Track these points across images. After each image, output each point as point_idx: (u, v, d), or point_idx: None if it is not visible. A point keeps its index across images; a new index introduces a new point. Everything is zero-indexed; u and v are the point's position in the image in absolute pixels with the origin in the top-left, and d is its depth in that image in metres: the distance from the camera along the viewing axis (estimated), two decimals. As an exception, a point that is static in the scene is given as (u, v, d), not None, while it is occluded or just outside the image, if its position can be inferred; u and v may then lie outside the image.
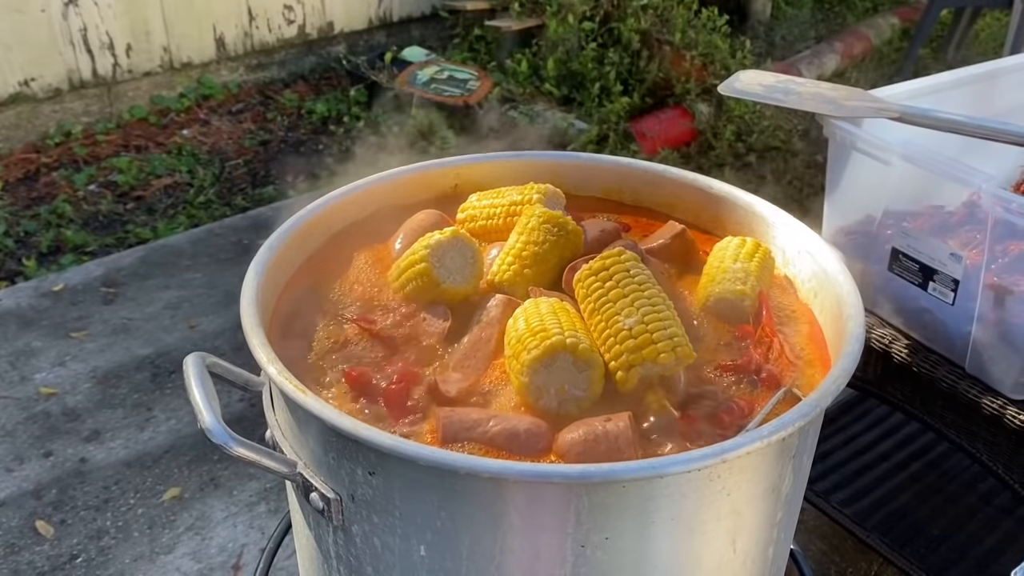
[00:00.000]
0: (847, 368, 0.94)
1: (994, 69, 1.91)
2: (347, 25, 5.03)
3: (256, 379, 1.15)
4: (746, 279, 1.14)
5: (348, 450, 0.91)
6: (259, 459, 0.97)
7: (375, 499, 0.92)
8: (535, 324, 1.00)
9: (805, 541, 2.02)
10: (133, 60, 4.36)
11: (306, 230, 1.25)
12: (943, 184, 1.55)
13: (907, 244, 1.59)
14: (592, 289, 1.05)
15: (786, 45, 5.39)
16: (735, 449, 0.83)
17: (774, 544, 1.02)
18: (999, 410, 1.54)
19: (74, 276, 3.21)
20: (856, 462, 1.97)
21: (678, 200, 1.38)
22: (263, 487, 2.35)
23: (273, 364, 0.95)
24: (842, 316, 1.05)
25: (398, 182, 1.38)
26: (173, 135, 4.32)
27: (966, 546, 1.77)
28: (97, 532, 2.22)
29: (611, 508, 0.85)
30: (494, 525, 0.88)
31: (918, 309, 1.63)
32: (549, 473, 0.83)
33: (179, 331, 2.93)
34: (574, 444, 0.92)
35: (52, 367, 2.76)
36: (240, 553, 2.17)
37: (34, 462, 2.41)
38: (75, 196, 3.84)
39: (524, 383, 0.98)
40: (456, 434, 0.94)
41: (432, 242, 1.11)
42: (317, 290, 1.20)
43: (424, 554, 0.92)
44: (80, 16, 4.12)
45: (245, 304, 1.04)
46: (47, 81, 4.12)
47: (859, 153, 1.64)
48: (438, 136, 4.08)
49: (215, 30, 4.58)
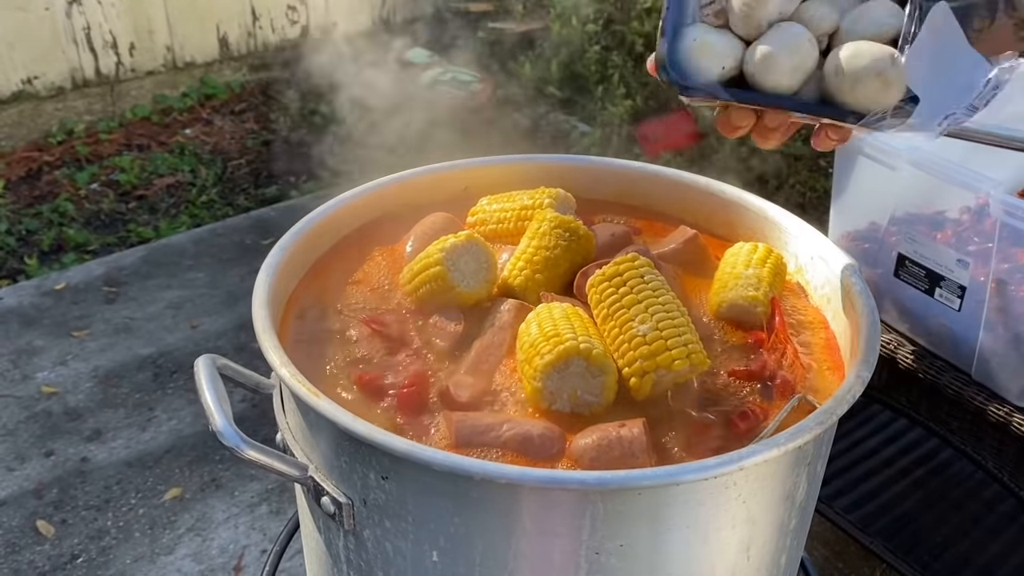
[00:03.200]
0: (863, 376, 0.94)
1: (1001, 76, 1.91)
2: (350, 26, 5.02)
3: (267, 381, 1.14)
4: (759, 285, 1.14)
5: (361, 454, 0.90)
6: (270, 462, 0.97)
7: (387, 504, 0.91)
8: (548, 329, 1.00)
9: (808, 547, 2.01)
10: (136, 59, 4.35)
11: (317, 232, 1.25)
12: (950, 190, 1.55)
13: (913, 250, 1.59)
14: (606, 295, 1.04)
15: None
16: (751, 457, 0.83)
17: (787, 552, 1.02)
18: (1005, 417, 1.54)
19: (76, 275, 3.20)
20: (860, 468, 1.96)
21: (689, 204, 1.38)
22: (264, 488, 2.34)
23: (286, 367, 0.95)
24: (856, 323, 1.05)
25: (408, 184, 1.38)
26: (176, 134, 4.31)
27: (970, 553, 1.77)
28: (98, 532, 2.21)
29: (626, 515, 0.85)
30: (508, 531, 0.87)
31: (924, 315, 1.63)
32: (566, 480, 0.83)
33: (181, 331, 2.92)
34: (588, 449, 0.92)
35: (54, 366, 2.75)
36: (241, 554, 2.16)
37: (35, 461, 2.41)
38: (77, 195, 3.84)
39: (537, 388, 0.98)
40: (469, 438, 0.94)
41: (447, 245, 1.11)
42: (328, 292, 1.20)
43: (436, 560, 0.92)
44: (83, 15, 4.12)
45: (257, 306, 1.04)
46: (50, 79, 4.12)
47: (866, 158, 1.64)
48: (441, 138, 4.08)
49: (218, 30, 4.57)
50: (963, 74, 0.89)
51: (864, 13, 0.95)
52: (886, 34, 0.93)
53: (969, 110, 0.90)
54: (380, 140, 4.14)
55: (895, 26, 0.93)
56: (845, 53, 0.91)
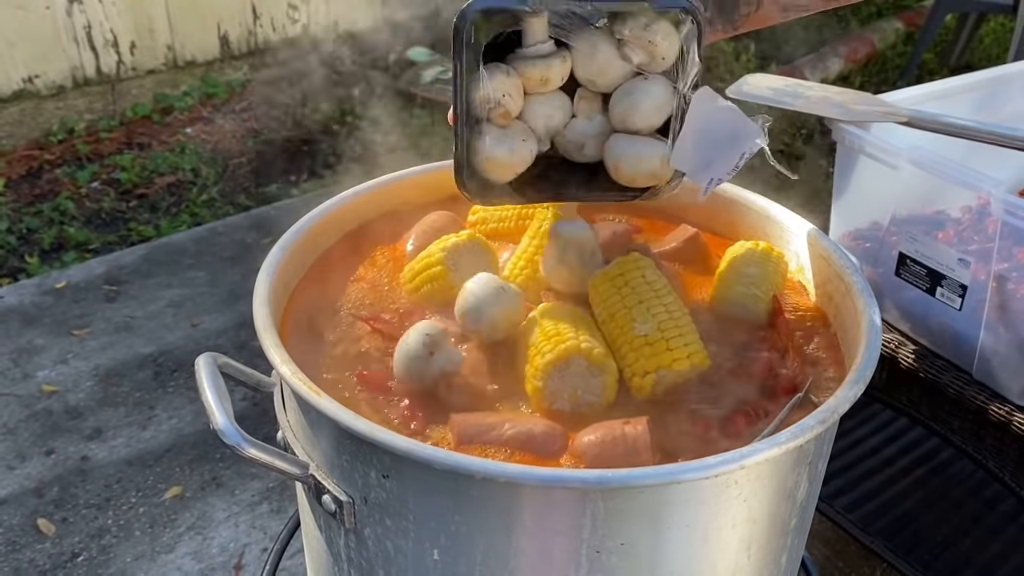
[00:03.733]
0: (865, 375, 0.94)
1: (1002, 74, 1.91)
2: (351, 25, 5.02)
3: (267, 379, 1.14)
4: (760, 283, 1.14)
5: (362, 452, 0.90)
6: (271, 461, 0.97)
7: (388, 502, 0.91)
8: (549, 328, 1.00)
9: (808, 545, 2.01)
10: (137, 58, 4.35)
11: (317, 230, 1.25)
12: (951, 189, 1.55)
13: (915, 249, 1.59)
14: (607, 295, 1.04)
15: (790, 49, 5.39)
16: (753, 455, 0.83)
17: (788, 551, 1.02)
18: (1006, 416, 1.54)
19: (76, 274, 3.20)
20: (860, 467, 1.96)
21: (690, 202, 1.37)
22: (265, 487, 2.34)
23: (287, 365, 0.95)
24: (858, 322, 1.05)
25: (408, 183, 1.38)
26: (176, 133, 4.31)
27: (971, 552, 1.77)
28: (98, 531, 2.21)
29: (627, 514, 0.85)
30: (509, 529, 0.87)
31: (925, 314, 1.63)
32: (566, 478, 0.83)
33: (181, 329, 2.92)
34: (591, 446, 0.92)
35: (54, 365, 2.75)
36: (242, 553, 2.16)
37: (36, 460, 2.41)
38: (78, 193, 3.84)
39: (538, 387, 0.98)
40: (471, 437, 0.94)
41: (449, 244, 1.11)
42: (329, 290, 1.20)
43: (437, 558, 0.92)
44: (84, 13, 4.12)
45: (258, 304, 1.04)
46: (51, 78, 4.12)
47: (867, 157, 1.64)
48: (442, 136, 4.08)
49: (219, 28, 4.57)
50: (730, 144, 1.02)
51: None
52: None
53: (733, 171, 1.04)
54: (380, 139, 4.14)
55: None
56: (619, 160, 1.04)
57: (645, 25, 0.98)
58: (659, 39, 0.98)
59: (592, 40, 0.99)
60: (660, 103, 1.02)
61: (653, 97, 1.01)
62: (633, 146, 1.04)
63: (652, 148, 1.03)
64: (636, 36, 0.98)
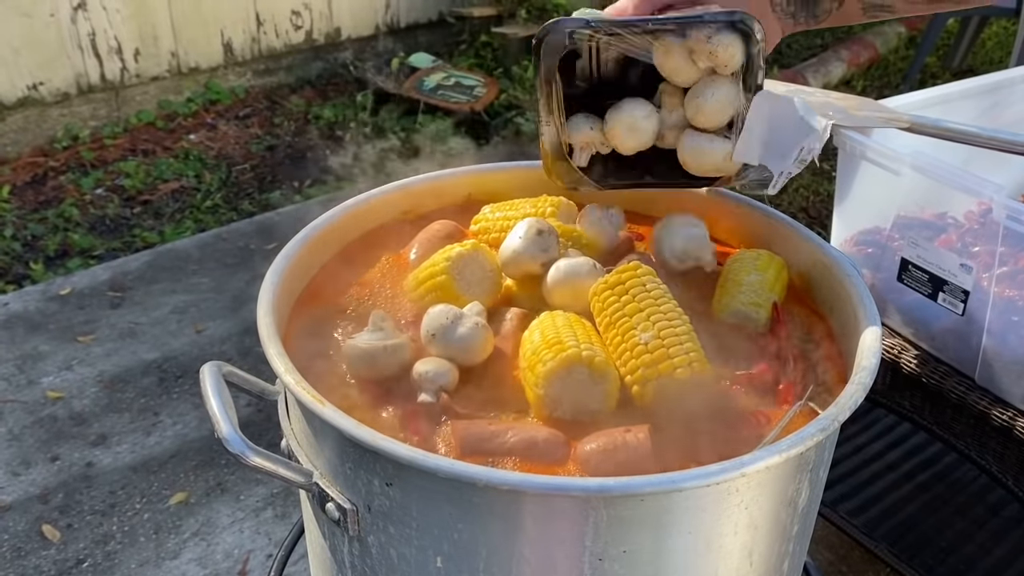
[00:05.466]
0: (865, 382, 0.94)
1: (1003, 79, 1.91)
2: (354, 31, 5.04)
3: (271, 388, 1.15)
4: (761, 291, 1.14)
5: (365, 461, 0.91)
6: (275, 469, 0.97)
7: (392, 510, 0.92)
8: (551, 336, 1.00)
9: (812, 551, 2.01)
10: (141, 65, 4.37)
11: (321, 239, 1.25)
12: (953, 194, 1.55)
13: (916, 254, 1.59)
14: (608, 303, 1.05)
15: (792, 53, 5.39)
16: (754, 463, 0.84)
17: (789, 557, 1.02)
18: (1009, 421, 1.54)
19: (81, 280, 3.21)
20: (864, 472, 1.97)
21: (692, 210, 1.38)
22: (270, 492, 2.35)
23: (291, 374, 0.95)
24: (859, 329, 1.05)
25: (411, 191, 1.39)
26: (180, 140, 4.33)
27: (974, 557, 1.77)
28: (103, 537, 2.22)
29: (629, 521, 0.86)
30: (511, 537, 0.88)
31: (927, 320, 1.63)
32: (568, 486, 0.83)
33: (186, 336, 2.93)
34: (594, 453, 0.92)
35: (59, 371, 2.76)
36: (246, 559, 2.17)
37: (41, 466, 2.42)
38: (82, 200, 3.85)
39: (539, 395, 0.99)
40: (474, 446, 0.94)
41: (453, 254, 1.11)
42: (332, 298, 1.21)
43: (440, 566, 0.92)
44: (89, 21, 4.14)
45: (262, 313, 1.05)
46: (55, 85, 4.13)
47: (868, 163, 1.64)
48: (445, 143, 4.09)
49: (223, 35, 4.59)
50: (790, 140, 1.10)
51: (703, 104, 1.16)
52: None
53: (799, 164, 1.12)
54: (383, 145, 4.15)
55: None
56: (686, 154, 1.19)
57: (708, 37, 1.09)
58: (720, 50, 1.09)
59: (667, 43, 1.12)
60: (724, 104, 1.13)
61: (718, 98, 1.13)
62: (698, 142, 1.17)
63: (714, 145, 1.16)
64: (700, 46, 1.09)
